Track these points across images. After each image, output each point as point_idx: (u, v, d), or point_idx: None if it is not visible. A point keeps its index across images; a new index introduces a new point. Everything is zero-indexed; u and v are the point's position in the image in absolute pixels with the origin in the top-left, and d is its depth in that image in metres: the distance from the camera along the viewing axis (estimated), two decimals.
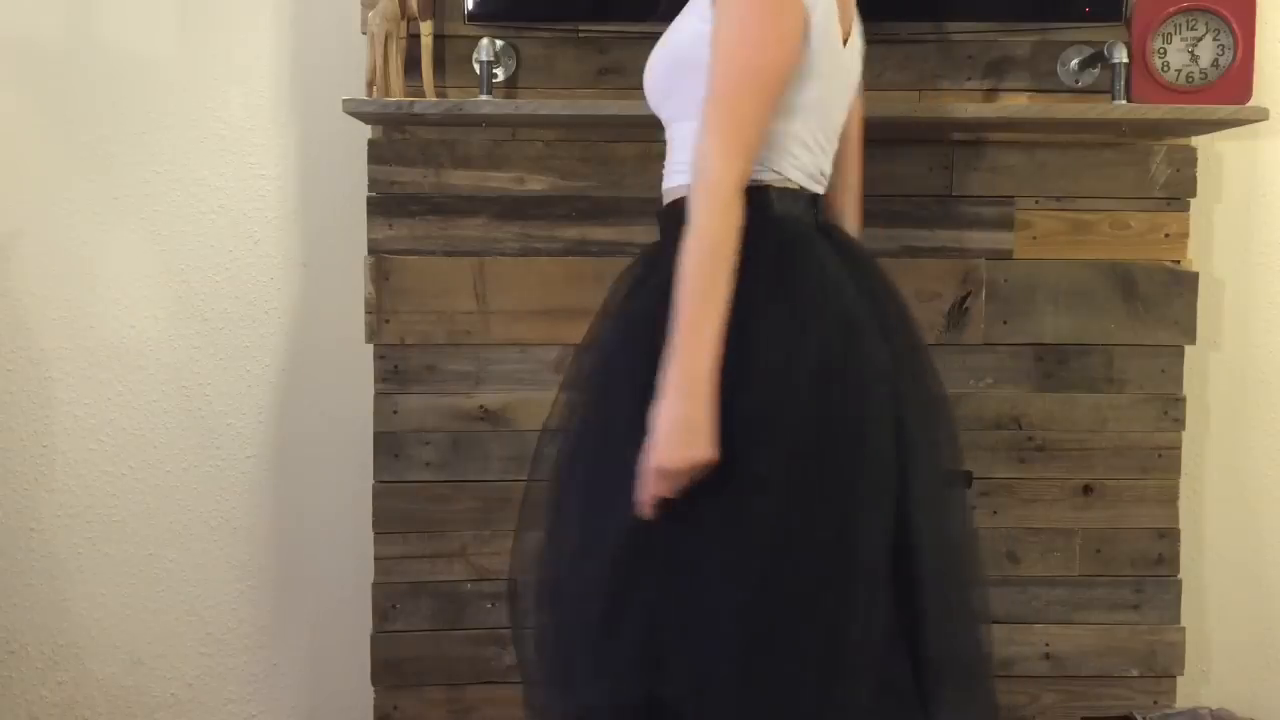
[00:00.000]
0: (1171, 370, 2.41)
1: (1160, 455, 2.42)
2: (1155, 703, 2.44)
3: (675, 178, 1.65)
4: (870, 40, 1.85)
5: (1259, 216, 2.52)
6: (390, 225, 2.34)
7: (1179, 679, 2.45)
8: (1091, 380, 2.40)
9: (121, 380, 2.47)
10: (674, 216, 1.58)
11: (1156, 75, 2.25)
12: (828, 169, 1.69)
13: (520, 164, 2.34)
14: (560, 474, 1.71)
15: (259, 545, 2.51)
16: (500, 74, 2.29)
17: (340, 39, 2.37)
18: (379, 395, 2.35)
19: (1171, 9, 2.24)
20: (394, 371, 2.35)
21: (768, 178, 1.60)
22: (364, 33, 2.23)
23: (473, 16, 2.25)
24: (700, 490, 1.49)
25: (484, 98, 2.21)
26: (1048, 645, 2.42)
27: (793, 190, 1.62)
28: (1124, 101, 2.23)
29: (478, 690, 2.38)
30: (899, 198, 2.34)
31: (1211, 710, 2.47)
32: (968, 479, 2.35)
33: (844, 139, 1.76)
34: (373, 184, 2.33)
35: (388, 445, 2.35)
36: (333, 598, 2.49)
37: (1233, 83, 2.24)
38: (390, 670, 2.37)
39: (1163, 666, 2.44)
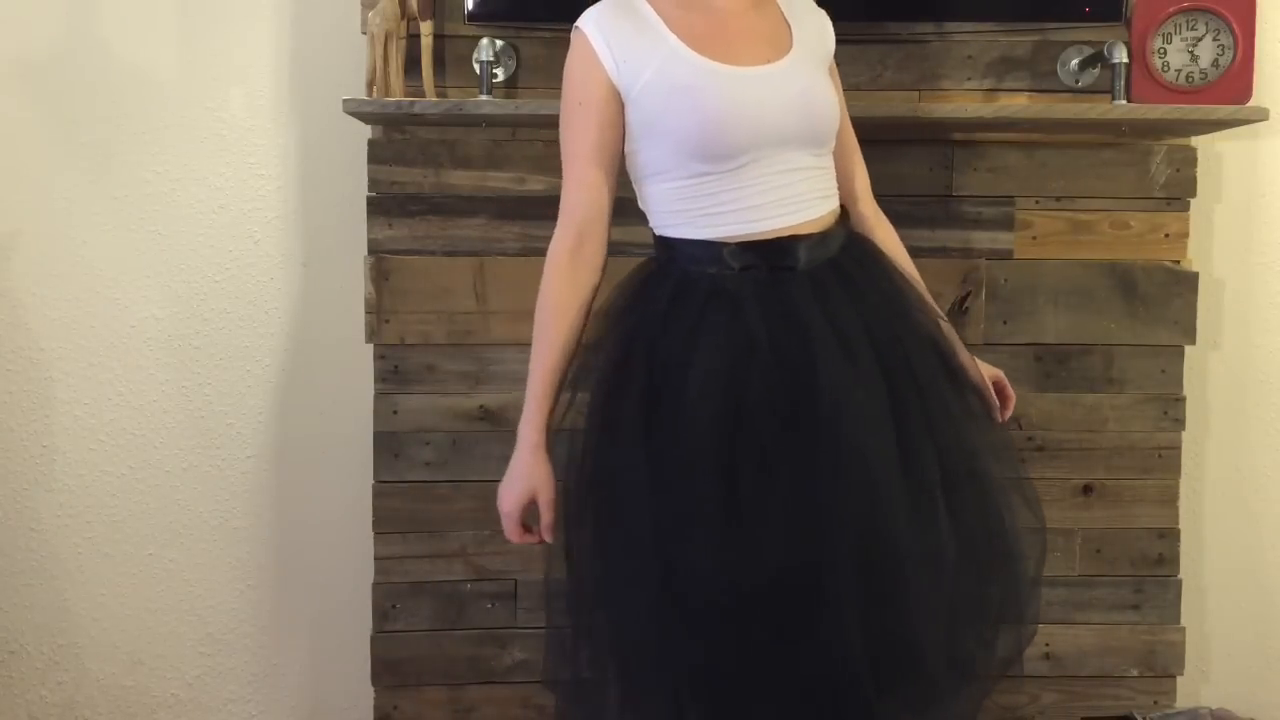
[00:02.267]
0: (1171, 370, 2.41)
1: (1160, 455, 2.42)
2: (1155, 703, 2.44)
3: (835, 199, 1.77)
4: (870, 40, 1.86)
5: (1259, 216, 2.52)
6: (390, 225, 2.34)
7: (1179, 679, 2.45)
8: (1091, 380, 2.40)
9: (121, 380, 2.47)
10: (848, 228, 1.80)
11: (1156, 75, 2.25)
12: None
13: (520, 164, 2.34)
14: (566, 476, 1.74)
15: (259, 545, 2.51)
16: (500, 74, 2.29)
17: (340, 39, 2.36)
18: (379, 395, 2.35)
19: (1171, 9, 2.24)
20: (394, 371, 2.35)
21: None
22: (364, 33, 2.23)
23: (473, 16, 2.26)
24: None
25: (484, 98, 2.21)
26: (1048, 645, 2.42)
27: None
28: (1124, 101, 2.23)
29: (478, 690, 2.38)
30: (899, 198, 2.33)
31: (1211, 710, 2.47)
32: None
33: None
34: (373, 184, 2.33)
35: (388, 445, 2.35)
36: (333, 598, 2.49)
37: (1233, 83, 2.24)
38: (390, 670, 2.37)
39: (1163, 666, 2.44)
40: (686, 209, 1.69)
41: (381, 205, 2.34)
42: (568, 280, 1.69)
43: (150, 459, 2.48)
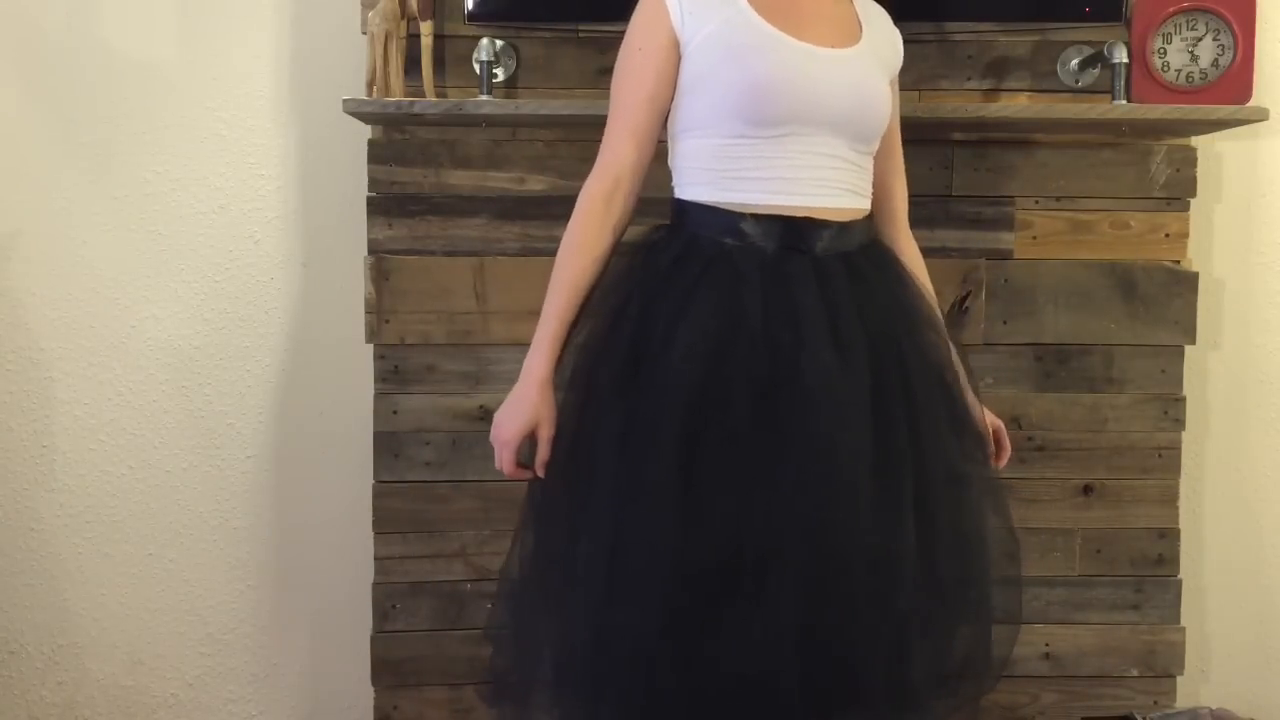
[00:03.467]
0: (1171, 370, 2.41)
1: (1160, 455, 2.42)
2: (1155, 703, 2.44)
3: (865, 200, 1.75)
4: None
5: (1259, 216, 2.52)
6: (390, 225, 2.34)
7: (1179, 679, 2.45)
8: (1091, 380, 2.40)
9: (121, 380, 2.47)
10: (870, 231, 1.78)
11: (1156, 75, 2.25)
12: None
13: (520, 164, 2.34)
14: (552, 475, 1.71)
15: (259, 545, 2.51)
16: (500, 74, 2.29)
17: (340, 39, 2.37)
18: (379, 395, 2.35)
19: (1171, 9, 2.24)
20: (394, 371, 2.35)
21: None
22: (364, 33, 2.23)
23: (473, 16, 2.26)
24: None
25: (484, 98, 2.21)
26: (1048, 645, 2.42)
27: None
28: (1124, 101, 2.23)
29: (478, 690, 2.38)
30: None
31: (1211, 710, 2.47)
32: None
33: None
34: (373, 184, 2.33)
35: (388, 445, 2.35)
36: (333, 598, 2.49)
37: (1233, 83, 2.24)
38: (390, 670, 2.38)
39: (1163, 666, 2.44)
40: (714, 169, 1.67)
41: (381, 205, 2.34)
42: (597, 223, 1.68)
43: (150, 459, 2.48)
